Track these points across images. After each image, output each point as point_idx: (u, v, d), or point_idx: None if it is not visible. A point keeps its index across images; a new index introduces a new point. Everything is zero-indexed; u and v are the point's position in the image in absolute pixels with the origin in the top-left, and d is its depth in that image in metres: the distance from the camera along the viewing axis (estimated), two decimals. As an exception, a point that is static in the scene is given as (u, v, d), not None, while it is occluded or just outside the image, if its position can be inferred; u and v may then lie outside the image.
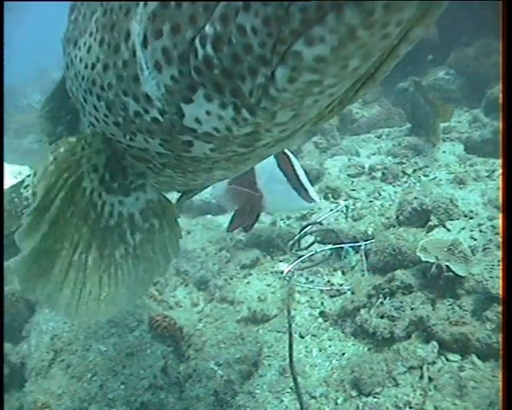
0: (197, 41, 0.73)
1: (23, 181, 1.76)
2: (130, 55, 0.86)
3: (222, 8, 0.68)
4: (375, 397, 2.25)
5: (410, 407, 2.15)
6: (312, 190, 2.80)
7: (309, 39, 0.62)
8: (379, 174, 4.14)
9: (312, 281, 3.14)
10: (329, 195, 3.97)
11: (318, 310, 2.92)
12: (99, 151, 1.12)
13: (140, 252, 1.16)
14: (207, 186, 1.54)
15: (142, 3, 0.80)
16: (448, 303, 2.43)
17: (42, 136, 1.53)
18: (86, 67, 0.98)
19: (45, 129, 1.51)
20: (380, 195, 3.81)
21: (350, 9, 0.57)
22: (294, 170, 2.74)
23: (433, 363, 2.28)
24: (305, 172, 2.85)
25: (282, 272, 3.18)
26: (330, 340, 2.70)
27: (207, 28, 0.71)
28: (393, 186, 3.94)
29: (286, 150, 2.75)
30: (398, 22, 0.59)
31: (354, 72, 0.67)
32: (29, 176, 1.74)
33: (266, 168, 2.74)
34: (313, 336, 2.76)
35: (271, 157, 2.68)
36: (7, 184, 2.06)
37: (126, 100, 0.92)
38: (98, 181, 1.12)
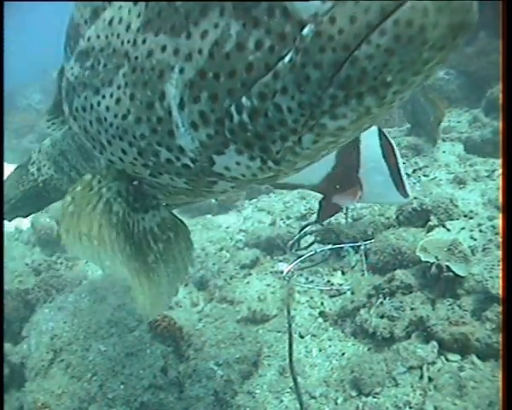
0: (233, 108, 0.81)
1: (30, 158, 1.97)
2: (165, 113, 0.91)
3: (260, 87, 0.77)
4: (374, 397, 2.25)
5: (410, 407, 2.15)
6: (408, 185, 2.75)
7: (334, 116, 0.75)
8: (379, 174, 4.14)
9: (312, 281, 3.14)
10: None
11: (318, 310, 2.91)
12: (116, 179, 1.19)
13: (165, 256, 1.27)
14: None
15: (177, 70, 0.84)
16: (448, 303, 2.42)
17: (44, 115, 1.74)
18: (116, 116, 1.03)
19: (47, 110, 1.71)
20: (380, 195, 3.80)
21: (369, 96, 0.71)
22: (397, 162, 2.69)
23: (433, 363, 2.28)
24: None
25: (281, 272, 3.18)
26: (330, 340, 2.70)
27: (244, 100, 0.79)
28: (393, 186, 3.93)
29: (392, 141, 2.70)
30: (401, 98, 0.75)
31: (364, 129, 0.84)
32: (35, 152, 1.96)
33: (372, 158, 2.68)
34: (313, 336, 2.76)
35: (377, 147, 2.65)
36: None
37: (159, 149, 0.98)
38: (125, 203, 1.21)
